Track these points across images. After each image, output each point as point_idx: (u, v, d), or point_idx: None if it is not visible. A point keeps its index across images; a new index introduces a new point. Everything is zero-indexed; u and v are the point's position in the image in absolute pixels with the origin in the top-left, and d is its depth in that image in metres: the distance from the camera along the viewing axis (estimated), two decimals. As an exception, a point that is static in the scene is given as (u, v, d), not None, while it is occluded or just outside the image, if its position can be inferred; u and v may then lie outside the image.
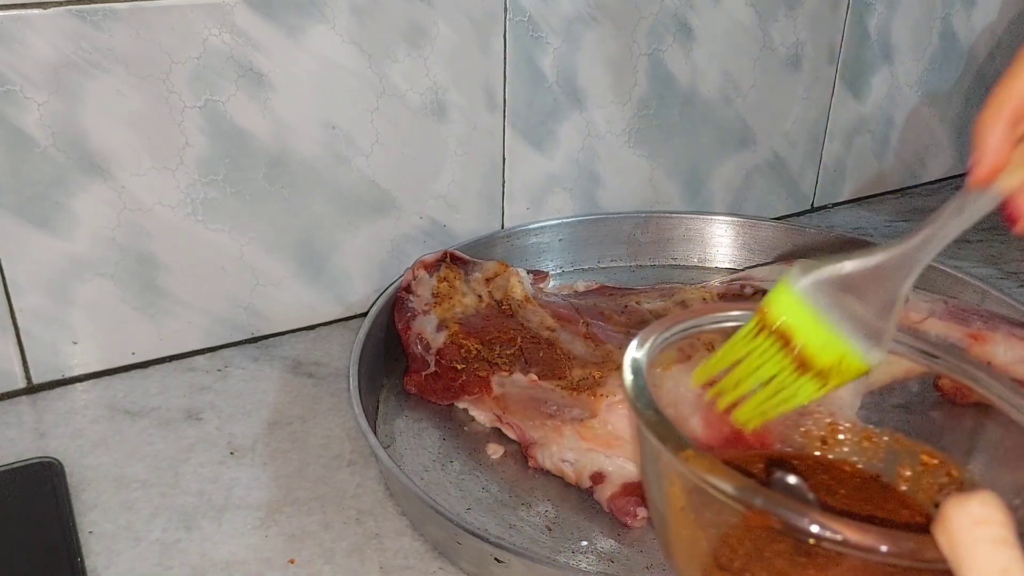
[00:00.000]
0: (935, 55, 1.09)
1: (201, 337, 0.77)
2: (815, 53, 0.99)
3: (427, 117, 0.79)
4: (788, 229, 0.91)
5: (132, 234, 0.70)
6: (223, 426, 0.69)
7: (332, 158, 0.76)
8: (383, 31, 0.74)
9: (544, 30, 0.82)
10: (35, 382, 0.72)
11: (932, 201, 1.13)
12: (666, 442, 0.39)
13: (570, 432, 0.62)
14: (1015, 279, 0.93)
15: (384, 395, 0.73)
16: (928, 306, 0.70)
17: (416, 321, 0.73)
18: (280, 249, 0.77)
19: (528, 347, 0.69)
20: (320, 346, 0.79)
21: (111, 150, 0.67)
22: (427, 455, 0.67)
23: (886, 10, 1.02)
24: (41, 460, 0.63)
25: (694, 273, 0.92)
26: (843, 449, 0.52)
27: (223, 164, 0.72)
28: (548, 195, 0.90)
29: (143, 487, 0.63)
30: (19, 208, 0.66)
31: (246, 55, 0.69)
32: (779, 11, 0.95)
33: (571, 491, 0.63)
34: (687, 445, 0.38)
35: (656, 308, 0.73)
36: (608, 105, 0.89)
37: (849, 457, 0.51)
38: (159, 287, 0.73)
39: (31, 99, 0.64)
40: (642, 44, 0.88)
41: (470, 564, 0.56)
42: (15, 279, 0.68)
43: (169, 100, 0.68)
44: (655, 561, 0.58)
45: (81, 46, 0.64)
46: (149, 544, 0.58)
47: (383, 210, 0.81)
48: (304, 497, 0.62)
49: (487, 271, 0.79)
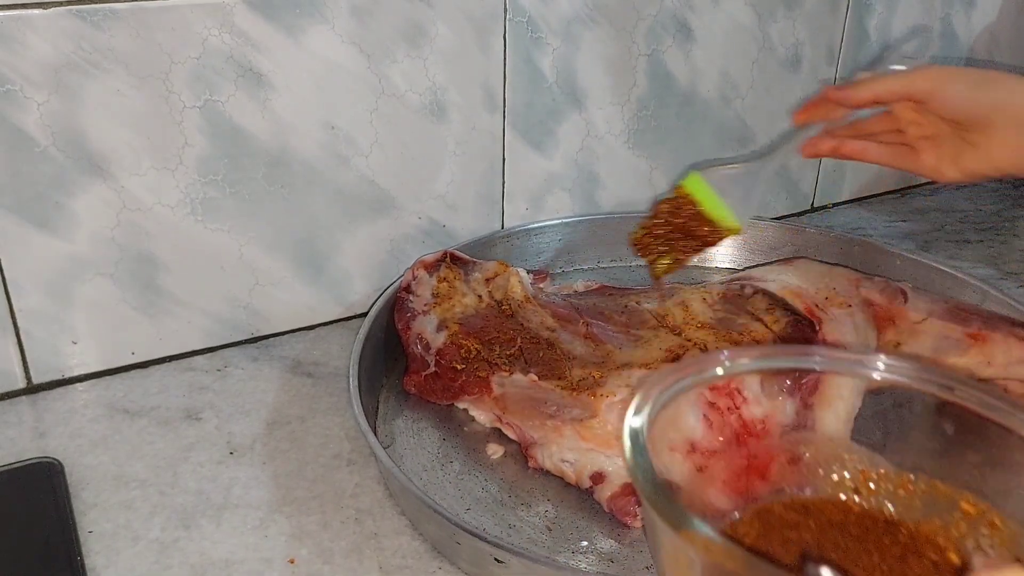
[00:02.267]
0: (935, 55, 1.09)
1: (201, 337, 0.77)
2: (814, 53, 0.99)
3: (427, 117, 0.79)
4: (788, 229, 0.91)
5: (132, 234, 0.70)
6: (222, 426, 0.69)
7: (332, 158, 0.76)
8: (383, 31, 0.74)
9: (544, 30, 0.82)
10: (35, 382, 0.72)
11: (932, 201, 1.13)
12: (673, 525, 0.36)
13: (570, 432, 0.62)
14: (1015, 279, 0.93)
15: (384, 395, 0.73)
16: (928, 306, 0.70)
17: (416, 321, 0.73)
18: (280, 249, 0.77)
19: (528, 347, 0.69)
20: (320, 346, 0.79)
21: (111, 150, 0.67)
22: (427, 455, 0.66)
23: (886, 10, 1.02)
24: (41, 460, 0.63)
25: (694, 273, 0.92)
26: (877, 497, 0.50)
27: (223, 164, 0.72)
28: (548, 195, 0.90)
29: (142, 486, 0.63)
30: (19, 208, 0.66)
31: (246, 55, 0.70)
32: (778, 11, 0.95)
33: (571, 491, 0.63)
34: (691, 525, 0.35)
35: (656, 308, 0.73)
36: (607, 105, 0.89)
37: (883, 505, 0.49)
38: (159, 287, 0.73)
39: (31, 99, 0.64)
40: (641, 45, 0.88)
41: (469, 564, 0.56)
42: (15, 279, 0.68)
43: (169, 100, 0.68)
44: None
45: (81, 46, 0.64)
46: (148, 543, 0.58)
47: (383, 210, 0.81)
48: (303, 497, 0.62)
49: (487, 271, 0.79)
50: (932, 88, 0.63)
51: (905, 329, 0.69)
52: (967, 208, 1.10)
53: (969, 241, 1.02)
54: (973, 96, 0.62)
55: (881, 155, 0.69)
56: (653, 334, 0.69)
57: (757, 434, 0.61)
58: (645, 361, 0.64)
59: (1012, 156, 0.63)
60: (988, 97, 0.62)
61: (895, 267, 0.84)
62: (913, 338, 0.69)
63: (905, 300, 0.70)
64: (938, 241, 1.02)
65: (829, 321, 0.66)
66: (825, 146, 0.70)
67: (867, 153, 0.69)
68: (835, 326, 0.66)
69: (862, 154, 0.69)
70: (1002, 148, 0.63)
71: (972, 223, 1.07)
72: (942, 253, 0.99)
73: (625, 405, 0.61)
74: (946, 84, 0.62)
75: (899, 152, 0.69)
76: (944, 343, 0.68)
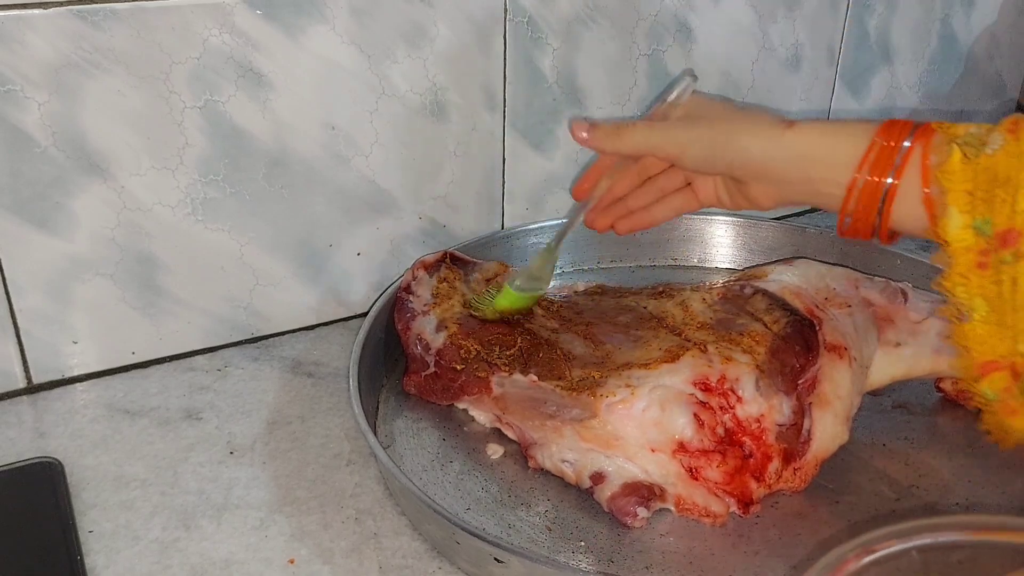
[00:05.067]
0: (934, 56, 1.09)
1: (201, 337, 0.77)
2: (815, 53, 0.99)
3: (427, 117, 0.79)
4: (788, 229, 0.91)
5: (132, 234, 0.70)
6: (222, 426, 0.69)
7: (332, 158, 0.76)
8: (383, 31, 0.74)
9: (544, 31, 0.82)
10: (35, 382, 0.72)
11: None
12: None
13: (570, 432, 0.62)
14: (1015, 279, 0.93)
15: (384, 395, 0.73)
16: (928, 306, 0.70)
17: (416, 321, 0.73)
18: (280, 249, 0.77)
19: (528, 347, 0.69)
20: (320, 346, 0.79)
21: (111, 150, 0.67)
22: (426, 455, 0.67)
23: (886, 11, 1.02)
24: (41, 460, 0.63)
25: (694, 273, 0.92)
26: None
27: (223, 164, 0.72)
28: (548, 195, 0.90)
29: (142, 486, 0.63)
30: (19, 208, 0.66)
31: (246, 55, 0.70)
32: (779, 12, 0.95)
33: (571, 491, 0.63)
34: None
35: (656, 308, 0.73)
36: (607, 105, 0.89)
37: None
38: (159, 287, 0.73)
39: (31, 99, 0.64)
40: (641, 45, 0.88)
41: (469, 564, 0.56)
42: (15, 279, 0.68)
43: (169, 100, 0.68)
44: (655, 561, 0.58)
45: (81, 46, 0.64)
46: (148, 543, 0.58)
47: (383, 210, 0.81)
48: (303, 497, 0.62)
49: (487, 271, 0.79)
50: (675, 154, 0.63)
51: (905, 329, 0.69)
52: (967, 208, 1.10)
53: (969, 241, 1.02)
54: (710, 161, 0.62)
55: (665, 211, 0.70)
56: (653, 334, 0.68)
57: (752, 434, 0.61)
58: (645, 361, 0.64)
59: (771, 199, 0.63)
60: (724, 160, 0.61)
61: (895, 267, 0.84)
62: (913, 338, 0.69)
63: (905, 300, 0.70)
64: (938, 241, 1.02)
65: (829, 321, 0.66)
66: (601, 222, 0.72)
67: (649, 217, 0.70)
68: (835, 326, 0.66)
69: (644, 222, 0.71)
70: (760, 194, 0.63)
71: (972, 223, 1.06)
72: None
73: (625, 405, 0.61)
74: (686, 150, 0.62)
75: (682, 198, 0.69)
76: (944, 343, 0.68)
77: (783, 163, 0.59)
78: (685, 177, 0.69)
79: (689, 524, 0.61)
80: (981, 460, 0.67)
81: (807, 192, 0.59)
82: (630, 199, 0.71)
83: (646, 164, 0.70)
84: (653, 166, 0.70)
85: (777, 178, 0.60)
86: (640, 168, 0.70)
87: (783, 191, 0.61)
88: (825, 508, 0.62)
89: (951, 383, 0.72)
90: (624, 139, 0.65)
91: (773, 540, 0.59)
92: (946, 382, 0.72)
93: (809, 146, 0.58)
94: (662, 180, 0.70)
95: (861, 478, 0.65)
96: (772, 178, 0.60)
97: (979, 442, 0.69)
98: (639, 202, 0.71)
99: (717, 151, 0.61)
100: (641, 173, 0.70)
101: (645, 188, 0.70)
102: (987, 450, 0.68)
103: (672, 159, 0.64)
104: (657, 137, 0.64)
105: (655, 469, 0.61)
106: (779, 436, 0.62)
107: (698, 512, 0.61)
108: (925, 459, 0.67)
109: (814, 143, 0.58)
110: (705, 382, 0.61)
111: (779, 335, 0.65)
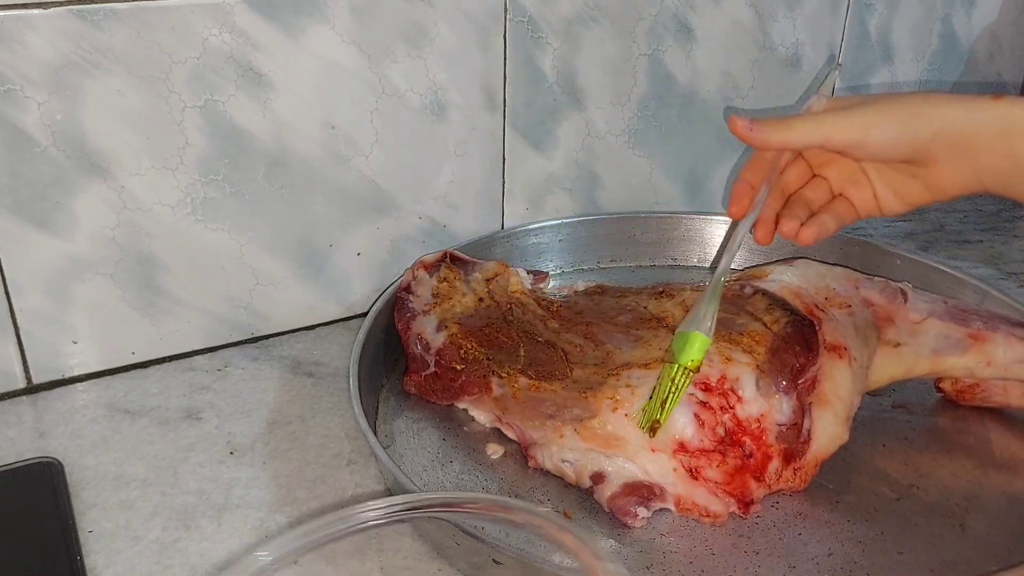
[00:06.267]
0: (935, 55, 1.09)
1: (201, 337, 0.77)
2: (815, 53, 0.99)
3: (427, 117, 0.79)
4: (788, 229, 0.91)
5: (132, 234, 0.70)
6: (222, 426, 0.69)
7: (332, 158, 0.76)
8: (383, 31, 0.74)
9: (544, 30, 0.82)
10: (35, 382, 0.72)
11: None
12: None
13: (570, 432, 0.62)
14: (1015, 279, 0.93)
15: (384, 395, 0.73)
16: (928, 306, 0.70)
17: (416, 321, 0.73)
18: (280, 249, 0.77)
19: (528, 347, 0.69)
20: (320, 346, 0.79)
21: (111, 150, 0.67)
22: (427, 455, 0.67)
23: (886, 10, 1.02)
24: (41, 460, 0.63)
25: (694, 273, 0.92)
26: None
27: (223, 164, 0.72)
28: (548, 195, 0.90)
29: (142, 486, 0.63)
30: (19, 208, 0.66)
31: (246, 55, 0.70)
32: (779, 11, 0.95)
33: (571, 491, 0.63)
34: None
35: (656, 308, 0.73)
36: (608, 105, 0.89)
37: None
38: (159, 287, 0.73)
39: (31, 99, 0.64)
40: (642, 44, 0.88)
41: (469, 565, 0.56)
42: (15, 279, 0.68)
43: (169, 100, 0.68)
44: (655, 561, 0.58)
45: (81, 46, 0.64)
46: (148, 543, 0.58)
47: (383, 210, 0.81)
48: (304, 497, 0.62)
49: (487, 271, 0.79)
50: (854, 140, 0.58)
51: (905, 329, 0.69)
52: (967, 208, 1.10)
53: (969, 241, 1.02)
54: (904, 137, 0.57)
55: (832, 222, 0.63)
56: (653, 334, 0.68)
57: (752, 434, 0.61)
58: (645, 361, 0.64)
59: (960, 181, 0.58)
60: (920, 136, 0.57)
61: (895, 267, 0.84)
62: (913, 338, 0.69)
63: (905, 300, 0.70)
64: (938, 241, 1.02)
65: (829, 321, 0.66)
66: (788, 226, 0.62)
67: (826, 229, 0.63)
68: (835, 326, 0.66)
69: (825, 232, 0.63)
70: (949, 176, 0.58)
71: (972, 223, 1.07)
72: (942, 253, 0.99)
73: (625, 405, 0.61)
74: (869, 132, 0.58)
75: (841, 207, 0.64)
76: (944, 343, 0.68)
77: (988, 136, 0.56)
78: (832, 188, 0.64)
79: (689, 524, 0.61)
80: (981, 460, 0.67)
81: (1005, 170, 0.56)
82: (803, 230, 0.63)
83: (796, 171, 0.65)
84: (798, 177, 0.65)
85: (978, 151, 0.56)
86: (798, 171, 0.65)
87: (978, 170, 0.57)
88: (825, 508, 0.62)
89: (951, 383, 0.72)
90: (794, 130, 0.60)
91: (773, 540, 0.59)
92: (946, 382, 0.72)
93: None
94: (808, 193, 0.64)
95: (861, 478, 0.65)
96: (972, 151, 0.56)
97: (979, 442, 0.69)
98: (814, 228, 0.63)
99: (911, 126, 0.57)
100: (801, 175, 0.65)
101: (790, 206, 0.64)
102: (987, 450, 0.68)
103: (851, 145, 0.59)
104: (829, 124, 0.59)
105: (655, 469, 0.61)
106: (779, 436, 0.62)
107: (698, 512, 0.61)
108: (925, 459, 0.67)
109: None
110: (705, 382, 0.61)
111: (779, 335, 0.65)
